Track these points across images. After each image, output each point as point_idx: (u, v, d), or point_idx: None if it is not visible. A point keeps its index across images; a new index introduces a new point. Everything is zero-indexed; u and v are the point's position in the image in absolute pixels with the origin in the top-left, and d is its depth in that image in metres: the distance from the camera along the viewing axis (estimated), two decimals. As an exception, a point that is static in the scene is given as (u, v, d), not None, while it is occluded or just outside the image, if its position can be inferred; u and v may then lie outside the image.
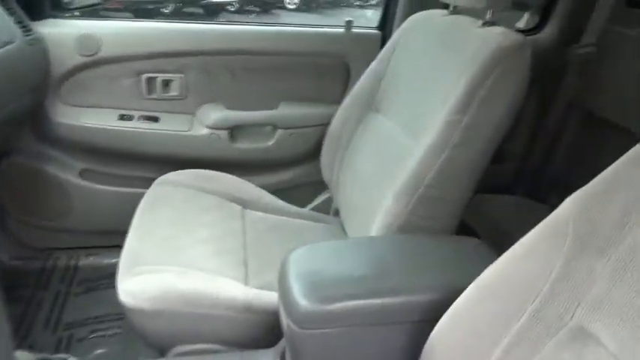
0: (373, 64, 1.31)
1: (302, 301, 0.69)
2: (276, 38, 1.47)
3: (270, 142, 1.51)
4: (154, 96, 1.45)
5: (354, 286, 0.71)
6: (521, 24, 1.57)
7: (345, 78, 1.52)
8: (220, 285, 0.98)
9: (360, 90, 1.33)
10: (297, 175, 1.56)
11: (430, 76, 1.10)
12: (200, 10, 8.09)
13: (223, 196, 1.31)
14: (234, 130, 1.50)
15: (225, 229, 1.19)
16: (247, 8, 8.74)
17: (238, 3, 8.49)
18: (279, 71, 1.48)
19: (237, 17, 8.24)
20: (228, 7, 8.51)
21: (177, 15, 7.40)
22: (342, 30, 1.48)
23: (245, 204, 1.32)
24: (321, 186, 1.49)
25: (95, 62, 1.38)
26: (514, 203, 1.63)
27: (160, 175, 1.33)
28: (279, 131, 1.50)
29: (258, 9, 8.94)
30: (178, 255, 1.04)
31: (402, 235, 0.91)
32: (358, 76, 1.34)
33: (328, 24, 1.54)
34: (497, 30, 0.97)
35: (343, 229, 1.34)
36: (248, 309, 0.95)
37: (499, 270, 0.61)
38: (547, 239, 0.57)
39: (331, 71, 1.52)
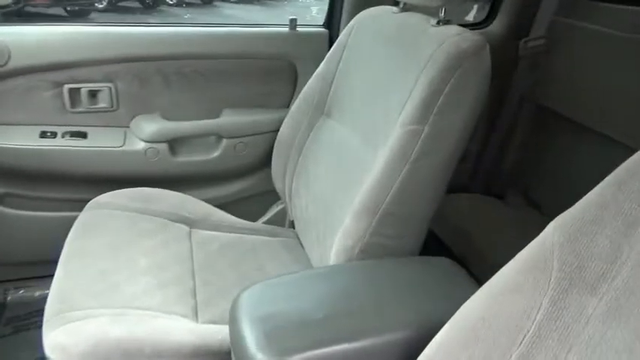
0: (322, 66, 1.23)
1: (257, 354, 0.60)
2: (215, 40, 1.35)
3: (216, 154, 1.39)
4: (79, 109, 1.29)
5: (317, 331, 0.63)
6: (470, 17, 1.52)
7: (293, 80, 1.42)
8: (165, 325, 0.87)
9: (310, 94, 1.24)
10: (248, 187, 1.45)
11: (384, 79, 1.02)
12: (137, 4, 7.69)
13: (166, 217, 1.18)
14: (174, 143, 1.36)
15: (169, 255, 1.07)
16: (188, 0, 8.39)
17: (178, -6, 8.15)
18: (220, 76, 1.37)
19: (176, 10, 7.89)
20: (168, 0, 8.15)
21: (112, 10, 7.01)
22: (286, 29, 1.38)
23: (192, 223, 1.21)
24: (274, 196, 1.39)
25: (5, 74, 1.20)
26: (472, 201, 1.60)
27: (92, 197, 1.19)
28: (225, 141, 1.39)
29: (199, 1, 8.61)
30: (114, 293, 0.92)
31: (366, 262, 0.83)
32: (307, 78, 1.25)
33: (273, 17, 1.43)
34: (453, 30, 0.90)
35: (300, 243, 1.25)
36: (197, 352, 0.84)
37: (478, 306, 0.54)
38: (530, 272, 0.50)
39: (277, 74, 1.41)
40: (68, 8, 6.20)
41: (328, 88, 1.21)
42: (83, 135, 1.31)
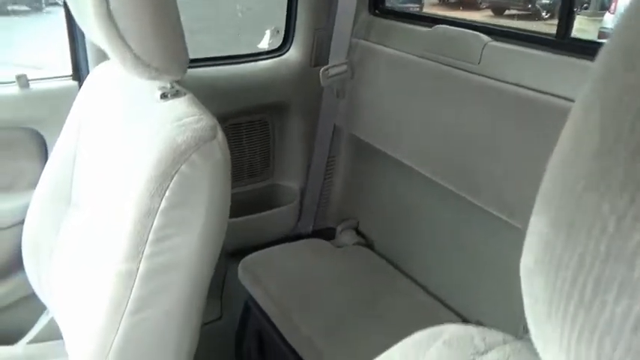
0: (62, 137, 0.95)
1: None
2: None
3: None
4: None
5: None
6: (263, 44, 1.32)
7: (42, 151, 1.11)
8: None
9: (52, 174, 0.95)
10: (-1, 297, 1.10)
11: (117, 168, 0.77)
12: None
13: None
14: None
15: None
16: (13, 8, 7.17)
17: None
18: None
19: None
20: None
21: None
22: (16, 88, 1.05)
23: None
24: (40, 304, 1.08)
25: None
26: (302, 248, 1.42)
27: None
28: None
29: (27, 7, 7.41)
30: None
31: None
32: (58, 147, 0.96)
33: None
34: (177, 110, 0.67)
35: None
36: None
37: None
38: None
39: (18, 146, 1.09)
40: None
41: (71, 168, 0.93)
42: None
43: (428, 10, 6.64)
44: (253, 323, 1.28)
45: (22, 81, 1.03)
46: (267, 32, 1.30)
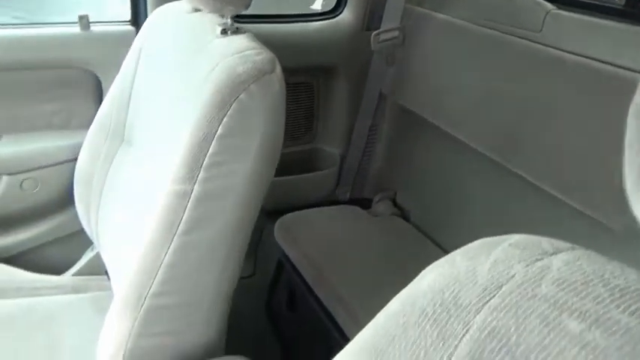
0: (118, 78, 0.97)
1: None
2: None
3: None
4: None
5: None
6: (316, 6, 1.31)
7: (96, 93, 1.14)
8: None
9: (106, 113, 0.98)
10: (47, 231, 1.14)
11: (175, 101, 0.79)
12: None
13: None
14: None
15: None
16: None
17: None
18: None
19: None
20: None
21: None
22: (77, 29, 1.08)
23: None
24: (87, 238, 1.12)
25: None
26: (338, 213, 1.43)
27: None
28: (5, 178, 1.07)
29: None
30: None
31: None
32: (112, 89, 0.99)
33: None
34: (235, 44, 0.68)
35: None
36: None
37: None
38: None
39: (73, 86, 1.12)
40: None
41: (126, 107, 0.95)
42: None
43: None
44: (285, 280, 1.30)
45: (84, 22, 1.06)
46: (321, -7, 1.29)
